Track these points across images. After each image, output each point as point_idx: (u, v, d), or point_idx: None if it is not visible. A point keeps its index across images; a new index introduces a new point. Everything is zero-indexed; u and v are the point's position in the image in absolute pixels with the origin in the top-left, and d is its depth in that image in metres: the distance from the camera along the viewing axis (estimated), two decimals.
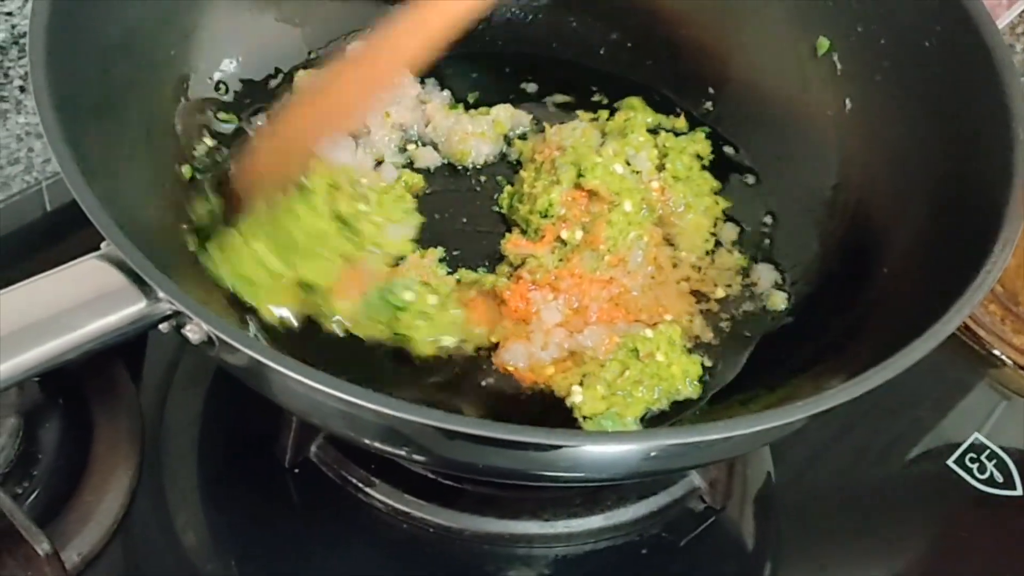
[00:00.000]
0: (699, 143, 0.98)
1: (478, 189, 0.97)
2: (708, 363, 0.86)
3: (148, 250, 0.74)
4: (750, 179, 0.99)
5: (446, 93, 1.02)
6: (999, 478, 0.93)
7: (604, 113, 1.01)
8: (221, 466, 0.87)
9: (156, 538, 0.82)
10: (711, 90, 1.03)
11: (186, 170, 0.87)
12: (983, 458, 0.94)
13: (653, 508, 0.86)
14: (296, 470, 0.85)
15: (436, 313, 0.83)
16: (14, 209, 1.04)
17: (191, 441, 0.87)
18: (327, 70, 0.90)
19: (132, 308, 0.65)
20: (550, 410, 0.81)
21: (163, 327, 0.66)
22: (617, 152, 0.93)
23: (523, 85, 1.05)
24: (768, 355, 0.87)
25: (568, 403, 0.81)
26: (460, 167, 0.98)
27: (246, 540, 0.83)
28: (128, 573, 0.80)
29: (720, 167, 0.99)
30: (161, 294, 0.64)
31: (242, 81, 0.96)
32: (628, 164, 0.93)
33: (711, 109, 1.03)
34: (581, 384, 0.81)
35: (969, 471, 0.93)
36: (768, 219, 0.96)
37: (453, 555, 0.84)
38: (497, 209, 0.95)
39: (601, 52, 1.07)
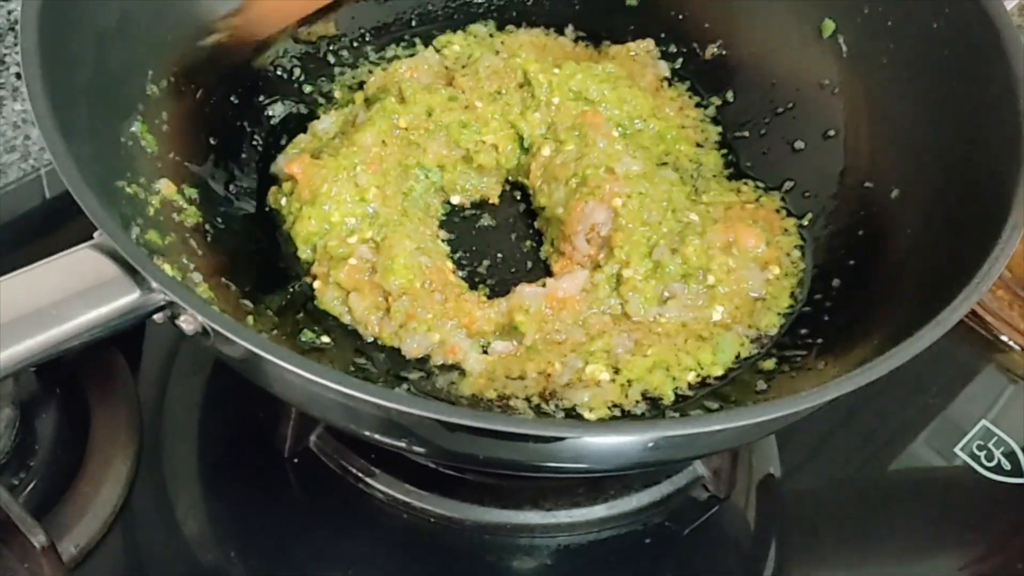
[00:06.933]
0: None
1: None
2: None
3: (144, 239, 0.74)
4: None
5: None
6: (1007, 465, 0.92)
7: None
8: (220, 456, 0.87)
9: (155, 529, 0.82)
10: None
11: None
12: (990, 445, 0.93)
13: (656, 497, 0.86)
14: (296, 460, 0.85)
15: None
16: (12, 197, 1.04)
17: (190, 431, 0.87)
18: None
19: (125, 299, 0.64)
20: None
21: (157, 318, 0.66)
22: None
23: None
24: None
25: None
26: None
27: (246, 531, 0.83)
28: (126, 564, 0.80)
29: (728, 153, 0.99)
30: (155, 284, 0.63)
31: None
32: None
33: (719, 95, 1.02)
34: None
35: (976, 458, 0.93)
36: None
37: (454, 545, 0.83)
38: None
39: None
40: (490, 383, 0.80)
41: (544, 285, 0.85)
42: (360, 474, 0.84)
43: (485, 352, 0.82)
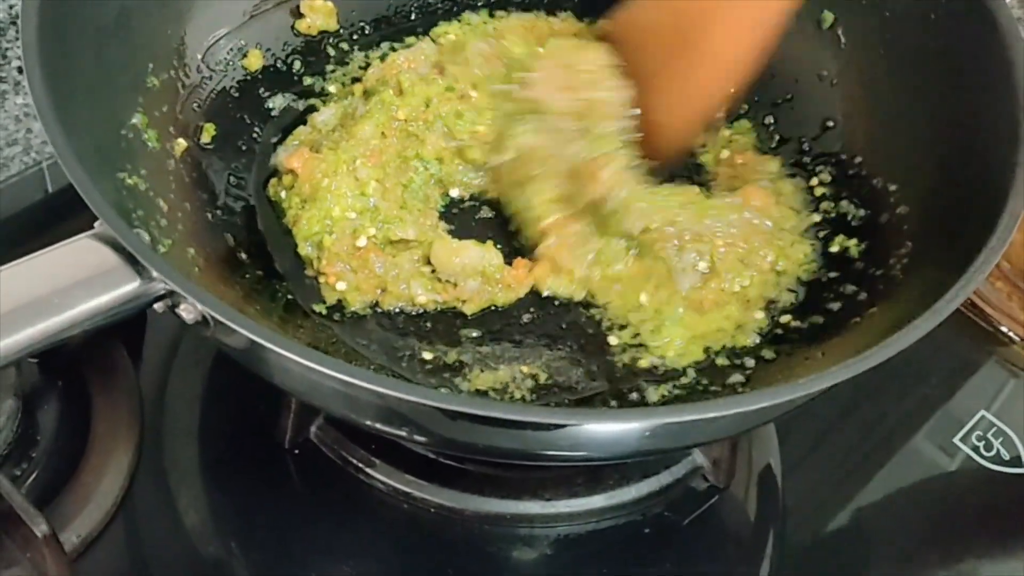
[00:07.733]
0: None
1: None
2: None
3: (147, 229, 0.74)
4: None
5: None
6: (1006, 456, 0.93)
7: None
8: (221, 447, 0.87)
9: (156, 519, 0.82)
10: None
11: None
12: (990, 436, 0.94)
13: (655, 487, 0.86)
14: (296, 451, 0.85)
15: None
16: (14, 190, 1.04)
17: (191, 422, 0.87)
18: None
19: (126, 288, 0.64)
20: None
21: (158, 307, 0.66)
22: None
23: None
24: None
25: None
26: None
27: (247, 521, 0.83)
28: (128, 555, 0.80)
29: None
30: (155, 273, 0.63)
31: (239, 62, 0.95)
32: None
33: None
34: None
35: (976, 449, 0.93)
36: None
37: (454, 535, 0.83)
38: None
39: None
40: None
41: None
42: (360, 465, 0.84)
43: None
